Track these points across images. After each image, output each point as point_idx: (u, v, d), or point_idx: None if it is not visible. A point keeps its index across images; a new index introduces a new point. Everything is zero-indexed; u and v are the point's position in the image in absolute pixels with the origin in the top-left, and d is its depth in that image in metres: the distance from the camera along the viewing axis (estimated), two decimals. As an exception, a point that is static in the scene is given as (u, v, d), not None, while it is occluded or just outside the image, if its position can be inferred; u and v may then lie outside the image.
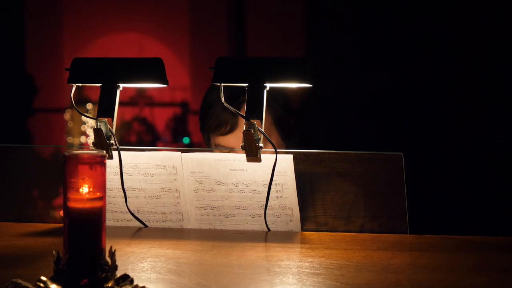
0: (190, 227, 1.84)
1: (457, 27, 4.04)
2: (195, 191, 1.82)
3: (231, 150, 2.17)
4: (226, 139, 2.21)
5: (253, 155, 1.69)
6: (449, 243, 1.70)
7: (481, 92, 3.99)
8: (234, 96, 1.89)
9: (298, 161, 1.80)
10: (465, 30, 4.01)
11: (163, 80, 1.76)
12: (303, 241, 1.72)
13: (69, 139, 5.57)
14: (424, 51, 4.10)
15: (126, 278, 1.25)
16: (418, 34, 4.11)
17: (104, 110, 1.74)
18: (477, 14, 3.96)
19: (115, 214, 1.86)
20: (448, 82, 4.06)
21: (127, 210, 1.84)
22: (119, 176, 1.81)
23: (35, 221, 1.90)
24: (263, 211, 1.78)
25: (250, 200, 1.79)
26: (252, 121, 1.66)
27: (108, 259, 1.26)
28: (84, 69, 1.80)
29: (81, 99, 5.30)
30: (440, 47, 4.08)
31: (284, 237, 1.75)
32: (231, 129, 2.20)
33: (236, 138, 2.19)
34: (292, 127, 2.30)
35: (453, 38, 4.05)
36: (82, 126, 5.57)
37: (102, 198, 1.27)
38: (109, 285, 1.23)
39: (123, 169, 1.80)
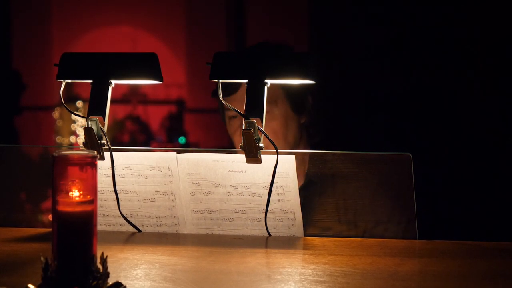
0: (186, 232, 1.84)
1: (466, 27, 4.05)
2: (192, 193, 1.82)
3: (230, 150, 2.17)
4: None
5: (253, 155, 1.69)
6: (460, 249, 1.70)
7: (493, 93, 3.99)
8: None
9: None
10: (473, 29, 4.02)
11: (158, 76, 1.76)
12: (306, 247, 1.72)
13: (58, 139, 5.58)
14: (432, 49, 4.10)
15: (118, 286, 1.26)
16: (426, 31, 4.12)
17: (95, 108, 1.75)
18: (486, 14, 3.97)
19: (106, 218, 1.87)
20: (457, 81, 4.06)
21: (120, 214, 1.84)
22: (111, 178, 1.81)
23: (22, 226, 1.90)
24: (264, 215, 1.78)
25: (250, 203, 1.80)
26: (252, 119, 1.66)
27: (100, 266, 1.26)
28: (74, 65, 1.80)
29: (71, 97, 5.31)
30: (449, 46, 4.08)
31: (286, 243, 1.75)
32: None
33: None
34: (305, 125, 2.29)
35: (462, 37, 4.06)
36: (72, 125, 5.58)
37: (93, 201, 1.27)
38: (101, 293, 1.23)
39: (115, 170, 1.80)
